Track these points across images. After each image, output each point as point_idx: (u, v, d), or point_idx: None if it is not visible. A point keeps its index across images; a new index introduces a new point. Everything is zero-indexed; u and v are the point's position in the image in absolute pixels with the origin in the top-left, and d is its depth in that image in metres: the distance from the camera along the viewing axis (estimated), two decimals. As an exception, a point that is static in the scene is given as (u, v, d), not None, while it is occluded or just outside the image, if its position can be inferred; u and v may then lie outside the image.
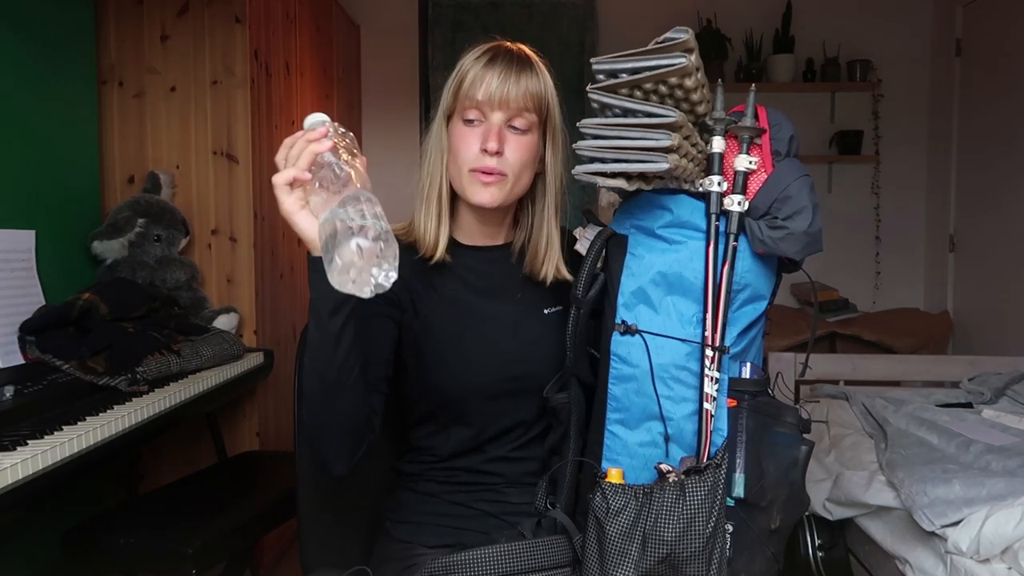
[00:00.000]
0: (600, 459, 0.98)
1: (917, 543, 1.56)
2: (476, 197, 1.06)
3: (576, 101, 4.23)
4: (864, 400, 2.27)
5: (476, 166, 1.05)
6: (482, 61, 1.07)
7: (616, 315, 0.97)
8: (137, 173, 2.24)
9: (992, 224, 3.26)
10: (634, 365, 0.95)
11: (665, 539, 0.89)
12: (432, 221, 1.09)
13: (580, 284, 1.00)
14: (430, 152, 1.11)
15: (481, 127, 1.06)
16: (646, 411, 0.95)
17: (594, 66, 0.96)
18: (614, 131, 0.92)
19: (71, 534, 1.58)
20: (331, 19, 3.20)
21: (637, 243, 0.99)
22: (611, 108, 0.94)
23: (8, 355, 1.62)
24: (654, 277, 0.97)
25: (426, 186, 1.10)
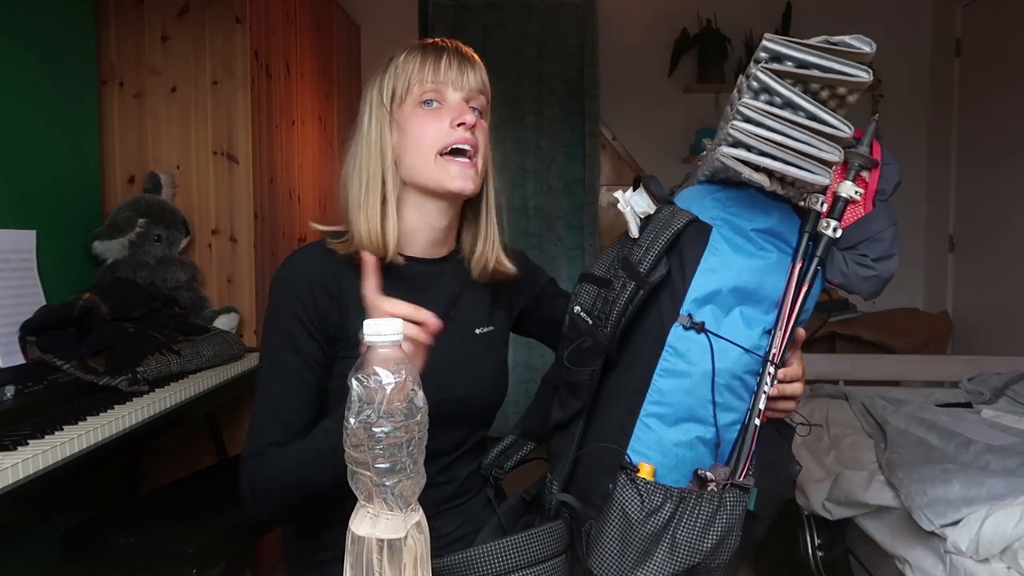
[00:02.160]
0: (619, 444, 0.92)
1: (916, 543, 1.56)
2: (453, 182, 1.00)
3: (576, 101, 4.26)
4: (864, 400, 2.27)
5: (447, 143, 1.00)
6: (428, 50, 1.02)
7: (682, 307, 0.90)
8: (137, 173, 2.24)
9: (992, 224, 3.26)
10: (691, 363, 0.90)
11: (701, 549, 0.87)
12: (376, 219, 1.01)
13: (645, 262, 0.91)
14: (362, 151, 1.03)
15: (441, 108, 1.01)
16: (690, 412, 0.91)
17: (765, 42, 0.85)
18: (780, 123, 0.84)
19: (71, 534, 1.58)
20: (331, 19, 3.20)
21: (722, 238, 0.91)
22: (775, 95, 0.84)
23: (9, 355, 1.62)
24: (735, 284, 0.91)
25: (362, 189, 1.02)
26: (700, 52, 3.73)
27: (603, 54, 3.79)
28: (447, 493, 1.08)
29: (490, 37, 3.81)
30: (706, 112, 3.75)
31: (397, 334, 0.69)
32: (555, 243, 3.88)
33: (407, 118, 1.02)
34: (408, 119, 1.02)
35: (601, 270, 1.03)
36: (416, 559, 0.70)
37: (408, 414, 0.69)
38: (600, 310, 0.98)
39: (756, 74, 0.84)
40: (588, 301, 1.01)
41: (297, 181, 2.69)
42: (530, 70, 3.81)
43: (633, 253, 0.94)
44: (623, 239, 1.04)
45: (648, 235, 0.94)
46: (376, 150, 1.03)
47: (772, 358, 0.91)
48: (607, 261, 1.04)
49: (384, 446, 0.67)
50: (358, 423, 0.67)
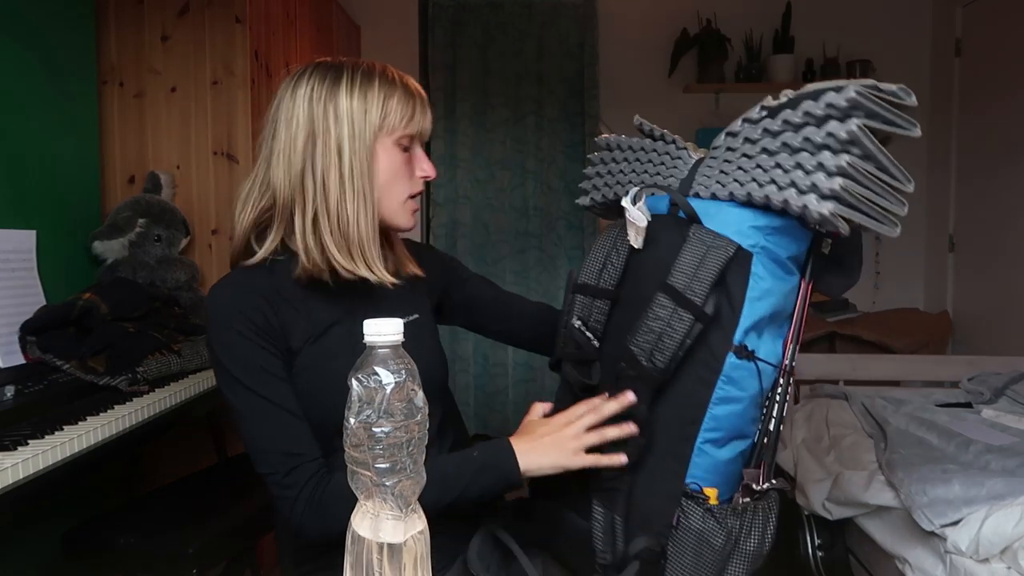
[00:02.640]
0: (676, 473, 0.95)
1: (917, 543, 1.56)
2: (408, 223, 1.09)
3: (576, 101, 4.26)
4: (864, 400, 2.27)
5: (414, 192, 1.08)
6: (409, 91, 1.05)
7: (735, 337, 0.93)
8: (137, 173, 2.24)
9: (992, 224, 3.26)
10: (743, 389, 0.93)
11: (762, 552, 0.94)
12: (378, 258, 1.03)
13: (698, 292, 0.91)
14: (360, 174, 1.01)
15: (411, 156, 1.07)
16: (738, 431, 0.95)
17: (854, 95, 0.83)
18: (866, 178, 0.85)
19: (71, 534, 1.58)
20: (331, 19, 3.20)
21: (762, 266, 0.94)
22: (863, 148, 0.85)
23: (9, 355, 1.62)
24: (773, 310, 0.95)
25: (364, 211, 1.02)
26: (700, 52, 3.73)
27: (603, 54, 3.79)
28: None
29: (490, 37, 3.80)
30: (706, 112, 3.75)
31: (397, 334, 0.70)
32: (555, 243, 3.88)
33: (388, 154, 1.03)
34: (389, 156, 1.04)
35: (592, 277, 1.05)
36: (416, 559, 0.70)
37: (408, 414, 0.69)
38: (596, 320, 1.03)
39: (852, 130, 0.83)
40: (584, 312, 1.04)
41: (297, 181, 2.68)
42: (530, 70, 3.81)
43: (674, 278, 0.93)
44: (613, 243, 1.05)
45: (689, 258, 0.93)
46: (370, 177, 1.02)
47: (792, 371, 0.97)
48: (596, 266, 1.06)
49: (384, 446, 0.67)
50: (358, 423, 0.67)
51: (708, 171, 1.01)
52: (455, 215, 3.86)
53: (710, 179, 1.00)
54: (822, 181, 0.84)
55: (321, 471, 0.99)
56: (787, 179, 0.89)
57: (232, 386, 1.00)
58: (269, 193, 1.04)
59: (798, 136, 0.88)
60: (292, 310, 1.03)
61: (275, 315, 1.02)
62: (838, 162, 0.84)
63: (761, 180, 0.92)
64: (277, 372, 1.00)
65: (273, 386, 0.99)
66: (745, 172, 0.95)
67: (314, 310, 1.05)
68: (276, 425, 0.99)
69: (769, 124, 0.93)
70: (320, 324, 1.05)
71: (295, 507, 0.97)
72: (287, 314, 1.03)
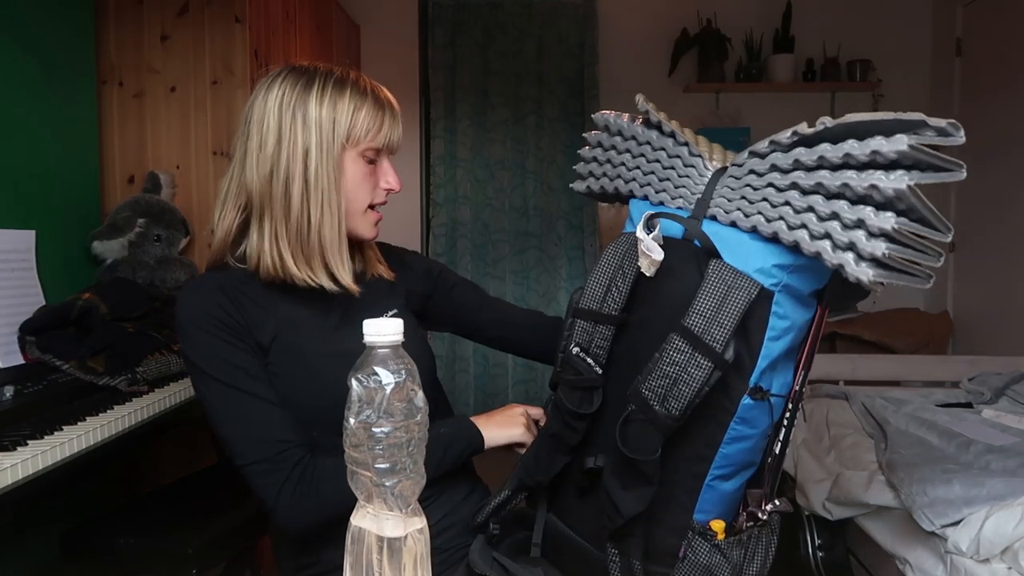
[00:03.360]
0: (685, 508, 0.94)
1: (917, 543, 1.56)
2: (368, 232, 1.10)
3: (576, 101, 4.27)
4: (864, 400, 2.27)
5: (377, 202, 1.09)
6: (383, 103, 1.06)
7: (751, 379, 0.88)
8: (137, 173, 2.24)
9: (992, 224, 3.26)
10: (755, 427, 0.91)
11: (764, 574, 0.93)
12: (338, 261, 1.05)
13: (718, 338, 0.85)
14: (327, 184, 1.02)
15: (376, 168, 1.08)
16: (747, 463, 0.94)
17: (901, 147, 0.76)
18: (909, 238, 0.78)
19: (71, 535, 1.58)
20: (331, 19, 3.20)
21: (782, 302, 0.88)
22: (903, 201, 0.76)
23: (8, 355, 1.62)
24: (791, 343, 0.90)
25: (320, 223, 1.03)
26: (700, 52, 3.73)
27: (603, 54, 3.79)
28: None
29: (490, 37, 3.80)
30: (706, 112, 3.75)
31: (397, 334, 0.69)
32: (555, 243, 3.88)
33: (352, 165, 1.05)
34: (353, 167, 1.05)
35: (594, 301, 0.98)
36: (416, 559, 0.70)
37: (408, 414, 0.68)
38: (598, 347, 0.97)
39: (902, 189, 0.75)
40: (585, 339, 0.98)
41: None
42: (530, 70, 3.81)
43: (692, 320, 0.86)
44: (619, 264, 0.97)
45: (708, 299, 0.86)
46: (337, 186, 1.03)
47: (801, 395, 0.94)
48: (599, 290, 0.98)
49: (384, 446, 0.67)
50: (358, 423, 0.67)
51: (729, 193, 0.92)
52: (455, 215, 3.86)
53: (731, 203, 0.92)
54: (863, 242, 0.77)
55: (307, 457, 0.99)
56: (821, 228, 0.81)
57: (207, 384, 1.00)
58: (244, 194, 1.05)
59: (836, 178, 0.79)
60: (257, 308, 1.04)
61: (239, 312, 1.02)
62: (882, 224, 0.75)
63: (791, 222, 0.84)
64: (250, 367, 1.01)
65: (248, 380, 1.00)
66: (772, 207, 0.87)
67: (281, 308, 1.06)
68: (258, 416, 0.99)
69: (803, 155, 0.83)
70: (288, 322, 1.05)
71: (281, 492, 0.97)
72: (252, 312, 1.04)
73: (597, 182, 1.14)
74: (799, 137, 0.85)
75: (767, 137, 0.88)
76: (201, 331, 1.00)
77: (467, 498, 1.15)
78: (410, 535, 0.69)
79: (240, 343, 1.01)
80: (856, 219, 0.78)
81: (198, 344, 1.00)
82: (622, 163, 1.09)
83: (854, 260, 0.78)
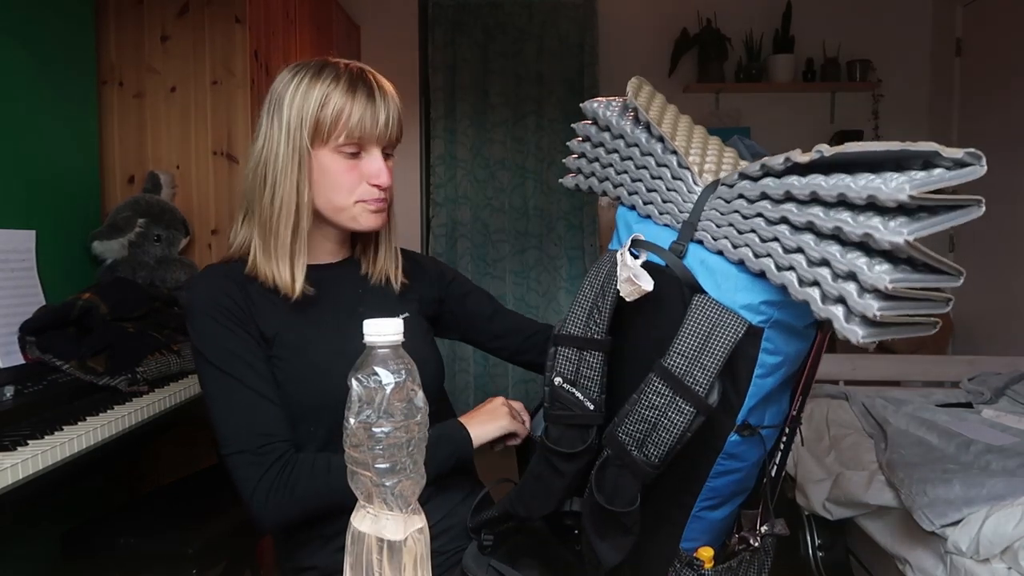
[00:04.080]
0: (670, 536, 0.91)
1: (917, 543, 1.56)
2: (367, 224, 1.08)
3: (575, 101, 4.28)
4: (864, 400, 2.27)
5: (364, 198, 1.06)
6: (359, 94, 1.02)
7: (739, 417, 0.83)
8: (137, 173, 2.24)
9: (992, 224, 3.25)
10: (744, 460, 0.87)
11: None
12: (285, 260, 1.04)
13: (700, 381, 0.79)
14: (277, 182, 1.02)
15: (362, 159, 1.05)
16: (736, 492, 0.91)
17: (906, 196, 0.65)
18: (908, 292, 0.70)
19: (71, 535, 1.58)
20: (331, 19, 3.20)
21: (773, 338, 0.82)
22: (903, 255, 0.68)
23: (8, 355, 1.62)
24: (784, 377, 0.85)
25: (275, 220, 1.03)
26: (700, 52, 3.73)
27: (603, 54, 3.79)
28: None
29: (490, 37, 3.80)
30: (706, 112, 3.75)
31: (397, 334, 0.69)
32: (555, 243, 3.88)
33: (328, 160, 1.03)
34: (329, 162, 1.03)
35: (578, 328, 0.90)
36: (416, 560, 0.70)
37: (408, 414, 0.68)
38: (587, 377, 0.88)
39: (899, 243, 0.66)
40: (569, 369, 0.90)
41: (297, 181, 2.68)
42: (530, 70, 3.81)
43: (672, 360, 0.80)
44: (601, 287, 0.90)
45: (690, 337, 0.80)
46: (292, 181, 1.02)
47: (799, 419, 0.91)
48: (581, 315, 0.91)
49: (384, 446, 0.67)
50: (358, 423, 0.67)
51: (717, 217, 0.85)
52: (455, 215, 3.86)
53: (719, 229, 0.85)
54: (854, 298, 0.69)
55: (289, 453, 0.99)
56: (810, 275, 0.74)
57: (205, 369, 1.02)
58: None
59: (828, 220, 0.71)
60: (264, 297, 1.05)
61: (246, 300, 1.03)
62: (876, 282, 0.67)
63: (780, 262, 0.77)
64: (249, 355, 1.01)
65: (243, 368, 1.00)
66: (762, 241, 0.79)
67: (289, 303, 1.06)
68: (246, 405, 1.00)
69: (794, 186, 0.75)
70: (294, 314, 1.06)
71: (258, 486, 0.97)
72: (260, 301, 1.04)
73: (586, 180, 1.11)
74: (792, 164, 0.76)
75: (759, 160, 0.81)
76: (205, 317, 1.01)
77: (465, 500, 1.14)
78: (410, 536, 0.69)
79: (241, 330, 1.02)
80: (848, 270, 0.70)
81: (200, 329, 1.02)
82: (610, 164, 1.04)
83: (844, 316, 0.70)
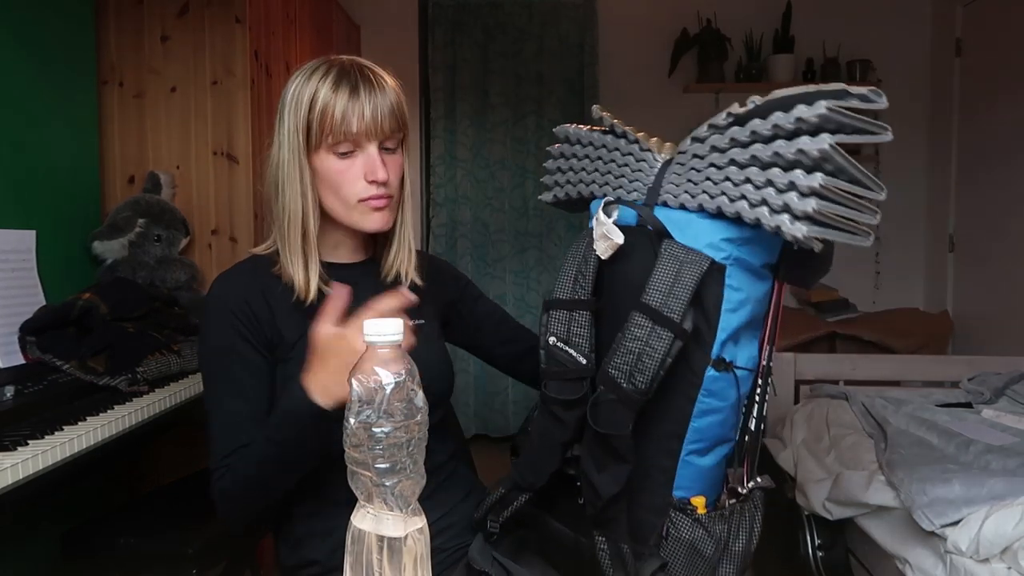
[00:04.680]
0: (662, 486, 0.96)
1: (917, 543, 1.56)
2: (371, 225, 1.05)
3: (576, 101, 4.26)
4: (864, 400, 2.27)
5: (366, 196, 1.04)
6: (341, 89, 1.00)
7: (713, 351, 0.92)
8: (137, 173, 2.24)
9: (992, 224, 3.26)
10: (723, 399, 0.94)
11: (750, 550, 0.96)
12: (299, 264, 1.04)
13: (675, 309, 0.89)
14: (283, 188, 1.03)
15: (358, 157, 1.03)
16: (720, 438, 0.96)
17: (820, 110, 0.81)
18: (839, 195, 0.83)
19: (71, 535, 1.58)
20: (331, 19, 3.20)
21: (734, 275, 0.92)
22: (833, 164, 0.83)
23: (8, 355, 1.62)
24: (750, 318, 0.94)
25: (285, 224, 1.04)
26: (700, 52, 3.73)
27: (603, 54, 3.79)
28: None
29: (490, 37, 3.81)
30: (706, 112, 3.70)
31: (397, 334, 0.70)
32: (555, 243, 3.88)
33: (322, 164, 1.03)
34: (323, 165, 1.03)
35: (565, 292, 1.02)
36: (416, 559, 0.70)
37: (408, 414, 0.69)
38: (577, 335, 0.98)
39: (824, 148, 0.81)
40: (561, 329, 1.00)
41: (297, 181, 2.68)
42: (530, 70, 3.81)
43: (649, 296, 0.91)
44: (583, 255, 1.02)
45: (663, 275, 0.91)
46: (296, 187, 1.03)
47: (770, 370, 0.98)
48: (567, 280, 1.02)
49: (384, 446, 0.67)
50: (358, 423, 0.67)
51: (675, 179, 0.98)
52: (455, 215, 3.86)
53: (678, 187, 0.98)
54: (795, 202, 0.83)
55: None
56: (758, 196, 0.87)
57: (202, 362, 1.05)
58: None
59: (768, 149, 0.86)
60: (288, 302, 1.05)
61: (266, 305, 1.04)
62: (811, 183, 0.81)
63: (732, 195, 0.90)
64: (245, 370, 1.02)
65: (238, 370, 1.01)
66: (714, 184, 0.92)
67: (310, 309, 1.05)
68: (233, 408, 1.01)
69: (737, 133, 0.90)
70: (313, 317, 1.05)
71: (221, 480, 0.98)
72: (283, 305, 1.04)
73: (562, 189, 1.20)
74: (734, 117, 0.91)
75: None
76: (217, 311, 1.03)
77: (466, 498, 1.15)
78: (410, 535, 0.69)
79: (249, 334, 1.02)
80: (787, 182, 0.84)
81: (207, 323, 1.04)
82: (583, 168, 1.15)
83: (789, 220, 0.83)
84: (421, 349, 1.07)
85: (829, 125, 0.82)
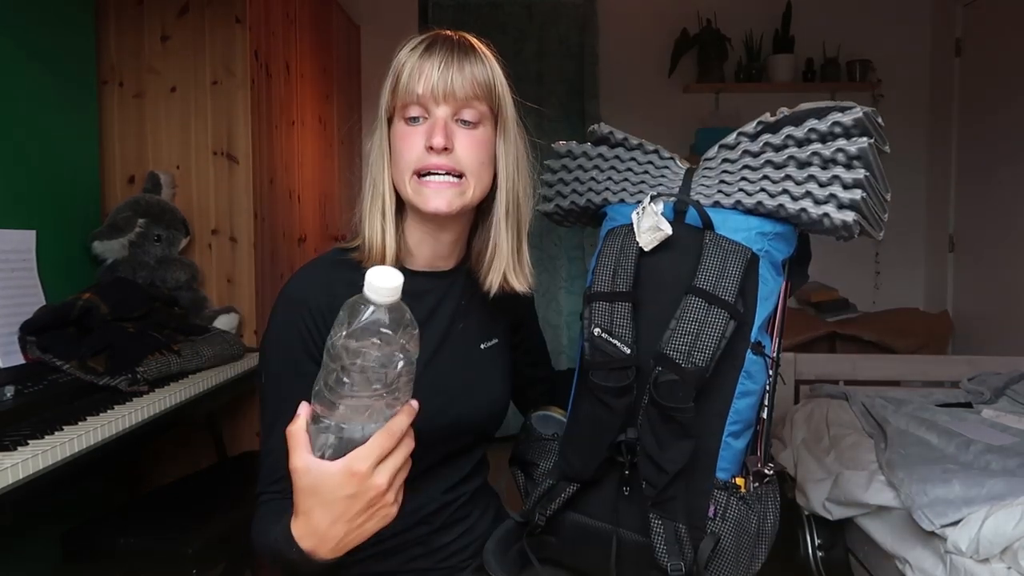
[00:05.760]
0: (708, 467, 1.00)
1: (917, 543, 1.56)
2: (429, 204, 0.94)
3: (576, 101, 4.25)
4: (864, 400, 2.27)
5: (421, 166, 0.94)
6: (419, 51, 0.95)
7: (752, 335, 1.00)
8: (137, 173, 2.24)
9: (992, 224, 3.26)
10: (757, 382, 1.01)
11: (776, 529, 1.01)
12: (377, 231, 0.97)
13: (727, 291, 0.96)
14: (372, 157, 0.99)
15: (425, 124, 0.95)
16: (750, 421, 1.02)
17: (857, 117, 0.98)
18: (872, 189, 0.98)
19: (71, 535, 1.58)
20: (331, 19, 3.20)
21: (766, 269, 1.01)
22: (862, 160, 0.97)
23: (8, 355, 1.62)
24: (773, 306, 1.03)
25: (368, 194, 0.99)
26: (700, 52, 3.73)
27: (603, 54, 3.79)
28: (454, 509, 1.07)
29: (490, 37, 3.79)
30: (706, 112, 3.75)
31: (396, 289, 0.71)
32: (555, 243, 3.88)
33: (395, 132, 0.97)
34: (395, 134, 0.97)
35: (605, 285, 1.02)
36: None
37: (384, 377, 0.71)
38: (620, 326, 1.00)
39: (864, 147, 0.95)
40: (605, 320, 1.01)
41: (297, 181, 2.69)
42: (530, 70, 3.81)
43: (702, 281, 0.97)
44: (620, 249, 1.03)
45: (711, 262, 0.98)
46: (378, 157, 0.99)
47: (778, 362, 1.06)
48: (607, 274, 1.02)
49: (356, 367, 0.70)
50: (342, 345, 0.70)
51: (707, 181, 1.06)
52: (455, 215, 3.85)
53: (710, 188, 1.05)
54: (842, 193, 0.95)
55: None
56: (801, 190, 0.98)
57: (262, 361, 1.00)
58: None
59: (804, 151, 0.98)
60: None
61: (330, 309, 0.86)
62: (856, 176, 0.94)
63: (772, 191, 1.00)
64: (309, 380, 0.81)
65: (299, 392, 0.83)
66: (751, 183, 1.01)
67: None
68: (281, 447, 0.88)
69: (770, 138, 1.01)
70: None
71: (264, 505, 0.93)
72: None
73: (565, 199, 1.23)
74: (764, 125, 1.03)
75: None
76: (280, 321, 0.98)
77: (483, 515, 1.13)
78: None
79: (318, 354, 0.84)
80: (830, 176, 0.97)
81: (269, 331, 0.99)
82: (591, 177, 1.19)
83: (836, 209, 0.96)
84: (485, 375, 1.08)
85: (855, 130, 0.96)
